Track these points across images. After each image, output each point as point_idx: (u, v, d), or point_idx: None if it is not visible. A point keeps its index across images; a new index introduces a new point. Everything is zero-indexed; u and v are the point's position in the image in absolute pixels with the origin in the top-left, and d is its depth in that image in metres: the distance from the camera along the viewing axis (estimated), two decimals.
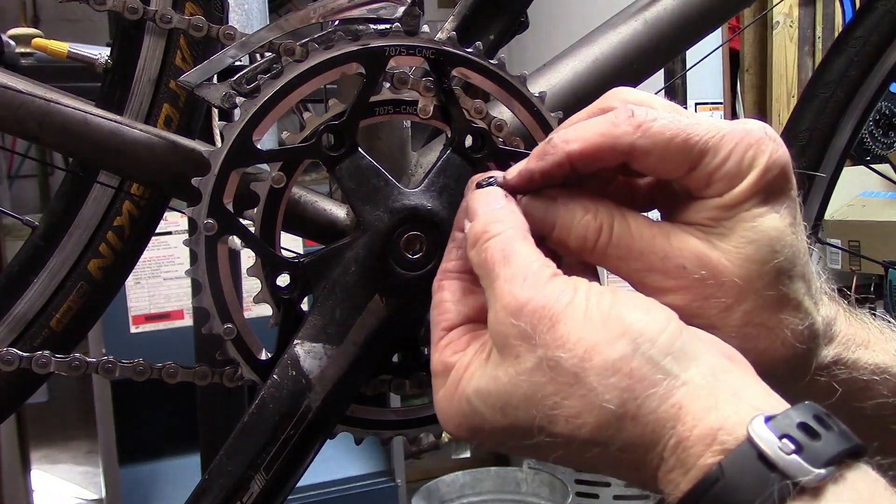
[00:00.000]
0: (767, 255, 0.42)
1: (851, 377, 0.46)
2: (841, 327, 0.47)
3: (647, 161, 0.42)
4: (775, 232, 0.42)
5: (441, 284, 0.47)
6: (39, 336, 0.61)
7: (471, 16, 0.66)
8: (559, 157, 0.43)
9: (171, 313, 1.87)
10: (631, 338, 0.37)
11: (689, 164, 0.42)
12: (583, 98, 0.65)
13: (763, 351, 0.43)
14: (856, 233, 2.46)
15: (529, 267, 0.41)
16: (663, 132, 0.42)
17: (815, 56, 2.85)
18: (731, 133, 0.42)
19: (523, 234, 0.43)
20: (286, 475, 0.53)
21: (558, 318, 0.38)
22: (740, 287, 0.42)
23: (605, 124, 0.43)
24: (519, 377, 0.39)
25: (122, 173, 0.60)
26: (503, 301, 0.40)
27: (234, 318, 0.52)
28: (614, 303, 0.39)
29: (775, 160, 0.43)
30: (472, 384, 0.41)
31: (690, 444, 0.35)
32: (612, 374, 0.37)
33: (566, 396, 0.37)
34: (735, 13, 0.72)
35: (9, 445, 1.87)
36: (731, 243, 0.42)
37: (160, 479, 2.07)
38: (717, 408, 0.36)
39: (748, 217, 0.42)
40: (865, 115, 0.83)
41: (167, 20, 0.56)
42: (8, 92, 0.54)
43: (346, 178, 0.52)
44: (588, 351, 0.37)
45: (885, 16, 0.80)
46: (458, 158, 0.54)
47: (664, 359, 0.37)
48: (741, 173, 0.42)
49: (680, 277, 0.42)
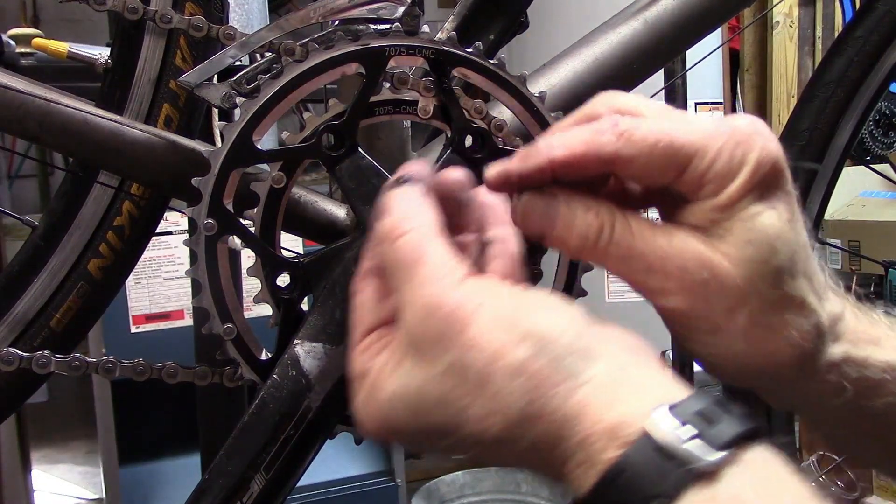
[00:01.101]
0: (768, 254, 0.42)
1: (862, 375, 0.45)
2: (848, 324, 0.47)
3: (632, 168, 0.42)
4: (774, 230, 0.42)
5: (360, 286, 0.46)
6: (39, 336, 0.61)
7: (471, 16, 0.66)
8: (541, 162, 0.43)
9: (171, 313, 1.87)
10: (535, 339, 0.38)
11: (677, 168, 0.42)
12: (583, 98, 0.64)
13: (771, 353, 0.43)
14: (856, 233, 2.46)
15: (442, 268, 0.40)
16: (647, 138, 0.42)
17: (815, 56, 2.85)
18: (717, 132, 0.42)
19: (436, 231, 0.43)
20: (286, 475, 0.53)
21: (468, 321, 0.38)
22: (743, 289, 0.41)
23: (589, 133, 0.43)
24: (431, 380, 0.39)
25: (122, 173, 0.60)
26: (416, 304, 0.40)
27: (234, 318, 0.52)
28: (521, 304, 0.39)
29: (766, 155, 0.42)
30: (387, 388, 0.41)
31: (595, 440, 0.36)
32: (518, 376, 0.37)
33: (474, 399, 0.38)
34: (735, 13, 0.72)
35: (9, 445, 1.87)
36: (730, 245, 0.42)
37: (160, 479, 2.06)
38: (620, 402, 0.36)
39: (745, 216, 0.42)
40: (865, 115, 0.83)
41: (167, 20, 0.56)
42: (8, 92, 0.54)
43: (346, 178, 0.52)
44: (494, 353, 0.38)
45: (885, 16, 0.80)
46: (458, 158, 0.54)
47: (567, 358, 0.37)
48: (732, 172, 0.41)
49: (681, 279, 0.42)
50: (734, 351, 0.43)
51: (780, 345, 0.43)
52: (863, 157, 2.70)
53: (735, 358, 0.44)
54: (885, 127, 2.76)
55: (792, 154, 0.85)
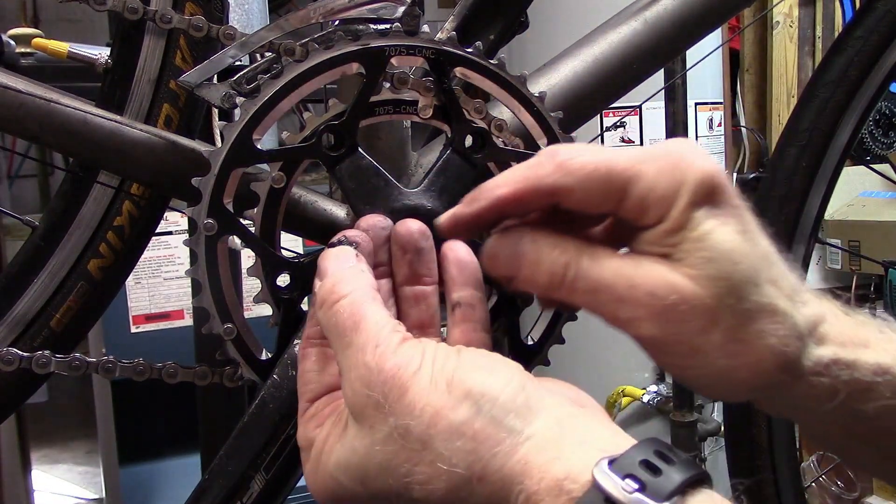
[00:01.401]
0: (729, 269, 0.42)
1: (853, 378, 0.46)
2: (833, 326, 0.47)
3: (574, 197, 0.43)
4: (729, 244, 0.42)
5: (305, 352, 0.47)
6: (39, 336, 0.61)
7: (471, 16, 0.66)
8: (488, 202, 0.45)
9: (171, 313, 1.86)
10: (473, 400, 0.38)
11: (616, 194, 0.43)
12: (583, 98, 0.65)
13: (753, 364, 0.43)
14: (856, 233, 2.45)
15: (380, 333, 0.41)
16: (584, 167, 0.42)
17: (815, 56, 2.85)
18: (652, 157, 0.43)
19: (372, 295, 0.43)
20: (286, 475, 0.53)
21: (407, 386, 0.39)
22: (712, 306, 0.42)
23: (529, 167, 0.44)
24: (374, 447, 0.39)
25: (122, 173, 0.60)
26: (356, 371, 0.40)
27: (234, 318, 0.52)
28: (458, 366, 0.40)
29: (703, 174, 0.42)
30: (332, 458, 0.41)
31: (540, 498, 0.36)
32: (458, 438, 0.37)
33: (417, 463, 0.38)
34: (735, 13, 0.72)
35: (9, 445, 1.87)
36: (691, 266, 0.42)
37: (160, 479, 2.06)
38: (562, 457, 0.36)
39: (698, 236, 0.42)
40: (865, 115, 0.83)
41: (167, 20, 0.56)
42: (8, 92, 0.54)
43: (346, 178, 0.52)
44: (433, 416, 0.38)
45: (885, 16, 0.80)
46: (458, 158, 0.54)
47: (507, 416, 0.38)
48: (672, 194, 0.42)
49: (650, 305, 0.42)
50: (717, 368, 0.43)
51: (761, 354, 0.43)
52: (863, 157, 2.70)
53: (719, 375, 0.44)
54: (885, 127, 2.76)
55: (792, 154, 0.85)
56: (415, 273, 0.48)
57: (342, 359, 0.42)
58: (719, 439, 1.83)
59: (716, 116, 2.04)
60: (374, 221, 0.49)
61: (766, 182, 0.87)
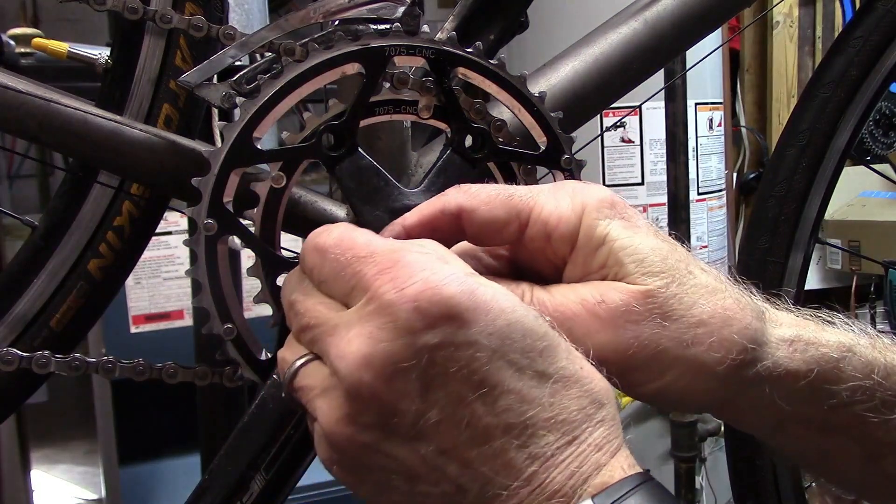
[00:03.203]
0: (662, 262, 0.44)
1: (820, 353, 0.47)
2: (783, 314, 0.48)
3: (477, 217, 0.45)
4: (651, 243, 0.45)
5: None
6: (39, 336, 0.61)
7: (471, 16, 0.66)
8: (396, 231, 0.47)
9: (171, 313, 1.87)
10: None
11: (518, 219, 0.46)
12: (583, 98, 0.65)
13: (720, 341, 0.44)
14: (856, 233, 2.46)
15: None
16: (486, 190, 0.46)
17: (815, 56, 2.85)
18: (548, 188, 0.47)
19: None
20: (286, 475, 0.53)
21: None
22: (660, 298, 0.44)
23: (437, 197, 0.47)
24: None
25: (122, 173, 0.60)
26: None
27: (234, 318, 0.52)
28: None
29: (601, 194, 0.46)
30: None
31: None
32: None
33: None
34: (735, 13, 0.72)
35: (9, 445, 1.87)
36: (628, 269, 0.44)
37: (160, 479, 2.06)
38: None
39: (620, 246, 0.44)
40: (865, 115, 0.83)
41: (167, 20, 0.56)
42: (8, 92, 0.54)
43: (346, 178, 0.52)
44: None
45: (885, 16, 0.79)
46: (458, 158, 0.54)
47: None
48: (576, 216, 0.45)
49: (599, 313, 0.43)
50: (688, 359, 0.44)
51: (724, 331, 0.44)
52: (863, 157, 2.70)
53: (692, 365, 0.44)
54: (885, 127, 2.76)
55: (792, 154, 0.85)
56: None
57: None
58: (719, 439, 1.83)
59: (716, 116, 2.04)
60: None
61: (765, 182, 0.87)
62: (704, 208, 2.01)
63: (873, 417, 0.47)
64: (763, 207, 0.87)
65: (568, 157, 0.56)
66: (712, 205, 2.04)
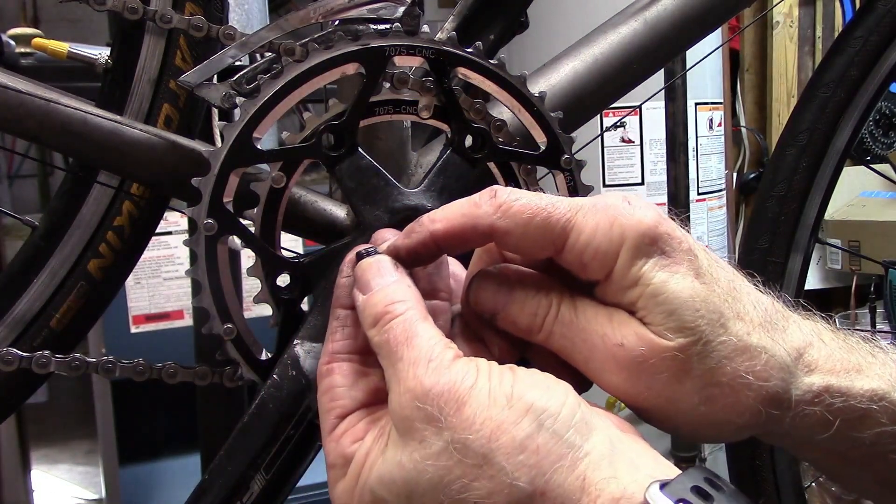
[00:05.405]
0: (691, 318, 0.42)
1: (848, 405, 0.45)
2: (821, 352, 0.46)
3: (510, 241, 0.43)
4: (686, 293, 0.42)
5: (330, 368, 0.46)
6: (39, 336, 0.61)
7: (471, 16, 0.66)
8: (424, 237, 0.45)
9: (171, 313, 1.87)
10: (535, 415, 0.38)
11: (554, 244, 0.43)
12: (583, 98, 0.65)
13: (733, 404, 0.43)
14: (856, 233, 2.46)
15: (433, 349, 0.40)
16: (522, 212, 0.43)
17: (815, 56, 2.85)
18: (592, 210, 0.43)
19: (423, 313, 0.43)
20: (286, 475, 0.53)
21: (464, 401, 0.38)
22: (681, 357, 0.42)
23: (467, 205, 0.44)
24: (425, 462, 0.38)
25: (122, 173, 0.60)
26: (407, 384, 0.40)
27: (234, 318, 0.52)
28: (515, 382, 0.39)
29: (643, 227, 0.42)
30: (374, 473, 0.41)
31: None
32: (520, 453, 0.37)
33: (475, 479, 0.38)
34: (735, 13, 0.72)
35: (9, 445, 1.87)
36: (655, 319, 0.42)
37: (160, 479, 2.06)
38: (617, 477, 0.37)
39: (652, 292, 0.42)
40: (865, 115, 0.83)
41: (167, 20, 0.56)
42: (8, 92, 0.54)
43: (346, 178, 0.52)
44: (495, 430, 0.38)
45: (885, 16, 0.80)
46: (458, 158, 0.54)
47: (567, 432, 0.38)
48: (613, 252, 0.42)
49: (619, 357, 0.42)
50: (697, 415, 0.43)
51: (739, 395, 0.43)
52: (863, 157, 2.70)
53: (701, 421, 0.43)
54: (885, 127, 2.76)
55: (792, 154, 0.85)
56: (433, 287, 0.48)
57: (392, 373, 0.41)
58: None
59: (716, 116, 2.04)
60: (390, 236, 0.49)
61: (765, 182, 0.87)
62: (704, 208, 2.01)
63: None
64: (763, 207, 0.87)
65: (568, 157, 0.56)
66: (712, 205, 2.04)
